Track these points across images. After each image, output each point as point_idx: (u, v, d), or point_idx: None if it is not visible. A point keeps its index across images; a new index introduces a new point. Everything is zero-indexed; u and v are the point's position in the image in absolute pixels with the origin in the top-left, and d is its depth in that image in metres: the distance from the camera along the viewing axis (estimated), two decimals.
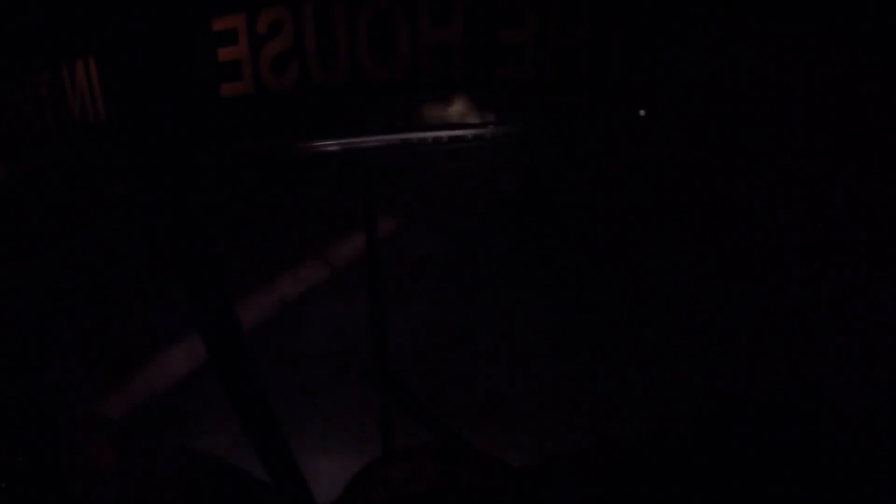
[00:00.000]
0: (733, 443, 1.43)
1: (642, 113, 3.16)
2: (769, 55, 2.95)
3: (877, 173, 2.99)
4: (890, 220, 2.97)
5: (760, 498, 1.31)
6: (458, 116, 3.53)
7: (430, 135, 3.56)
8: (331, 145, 3.61)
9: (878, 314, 3.28)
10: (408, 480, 1.52)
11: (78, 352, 4.89)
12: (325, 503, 1.60)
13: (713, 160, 3.46)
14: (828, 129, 3.02)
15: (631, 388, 4.14)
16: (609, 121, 3.25)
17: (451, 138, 3.62)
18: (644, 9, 2.97)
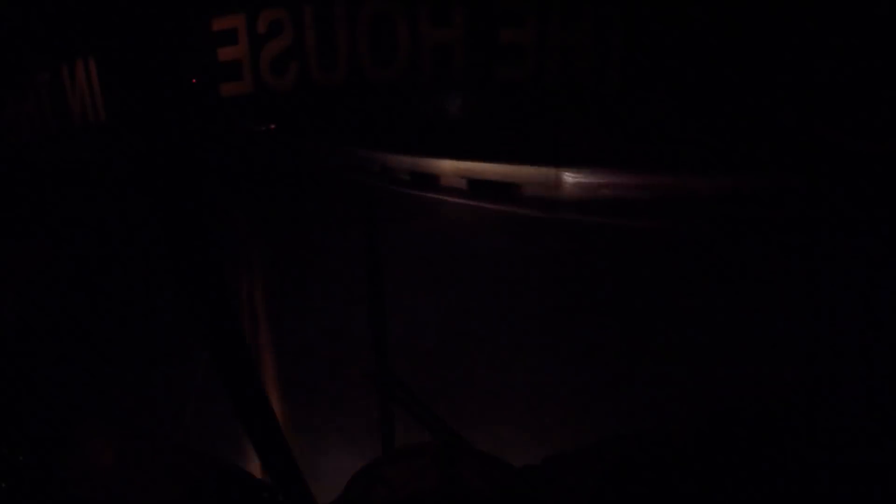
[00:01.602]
0: (733, 444, 1.43)
1: None
2: None
3: None
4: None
5: (760, 499, 1.31)
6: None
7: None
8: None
9: (878, 314, 3.28)
10: (408, 480, 1.52)
11: (78, 352, 4.89)
12: (325, 503, 1.60)
13: None
14: None
15: (631, 388, 4.14)
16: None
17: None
18: None
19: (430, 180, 2.88)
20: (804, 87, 2.70)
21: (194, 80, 3.21)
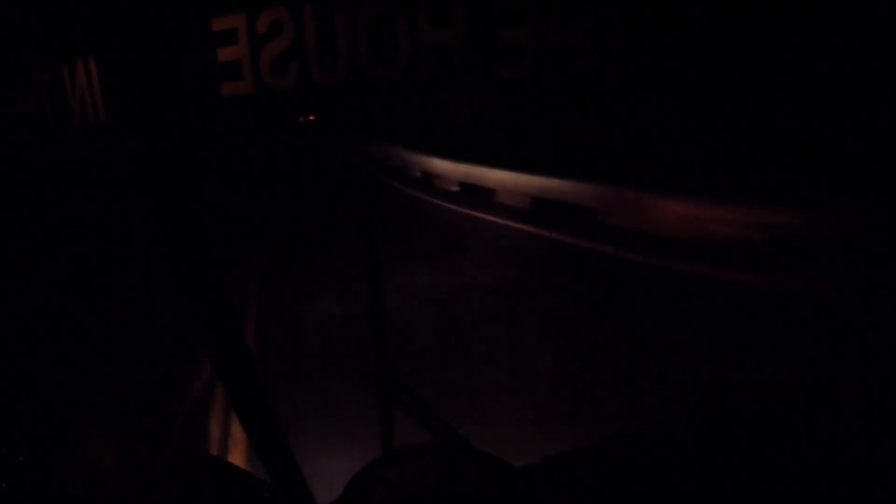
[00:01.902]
0: (733, 444, 1.43)
1: None
2: None
3: None
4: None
5: (760, 499, 1.31)
6: None
7: None
8: None
9: (878, 314, 3.28)
10: (408, 480, 1.52)
11: (78, 352, 4.89)
12: (325, 503, 1.60)
13: None
14: None
15: (631, 388, 4.14)
16: None
17: None
18: None
19: (484, 194, 2.53)
20: (804, 87, 2.69)
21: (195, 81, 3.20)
